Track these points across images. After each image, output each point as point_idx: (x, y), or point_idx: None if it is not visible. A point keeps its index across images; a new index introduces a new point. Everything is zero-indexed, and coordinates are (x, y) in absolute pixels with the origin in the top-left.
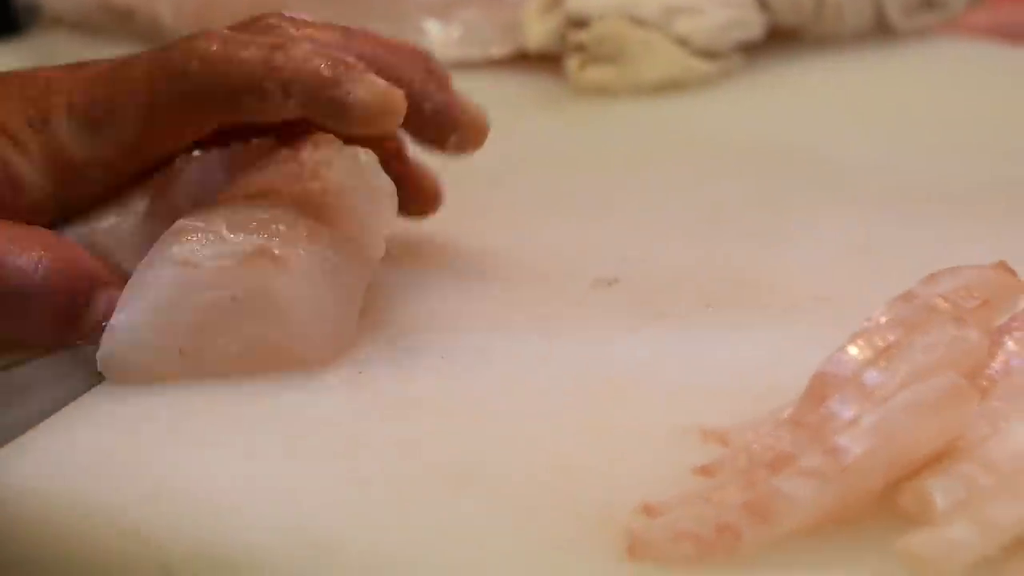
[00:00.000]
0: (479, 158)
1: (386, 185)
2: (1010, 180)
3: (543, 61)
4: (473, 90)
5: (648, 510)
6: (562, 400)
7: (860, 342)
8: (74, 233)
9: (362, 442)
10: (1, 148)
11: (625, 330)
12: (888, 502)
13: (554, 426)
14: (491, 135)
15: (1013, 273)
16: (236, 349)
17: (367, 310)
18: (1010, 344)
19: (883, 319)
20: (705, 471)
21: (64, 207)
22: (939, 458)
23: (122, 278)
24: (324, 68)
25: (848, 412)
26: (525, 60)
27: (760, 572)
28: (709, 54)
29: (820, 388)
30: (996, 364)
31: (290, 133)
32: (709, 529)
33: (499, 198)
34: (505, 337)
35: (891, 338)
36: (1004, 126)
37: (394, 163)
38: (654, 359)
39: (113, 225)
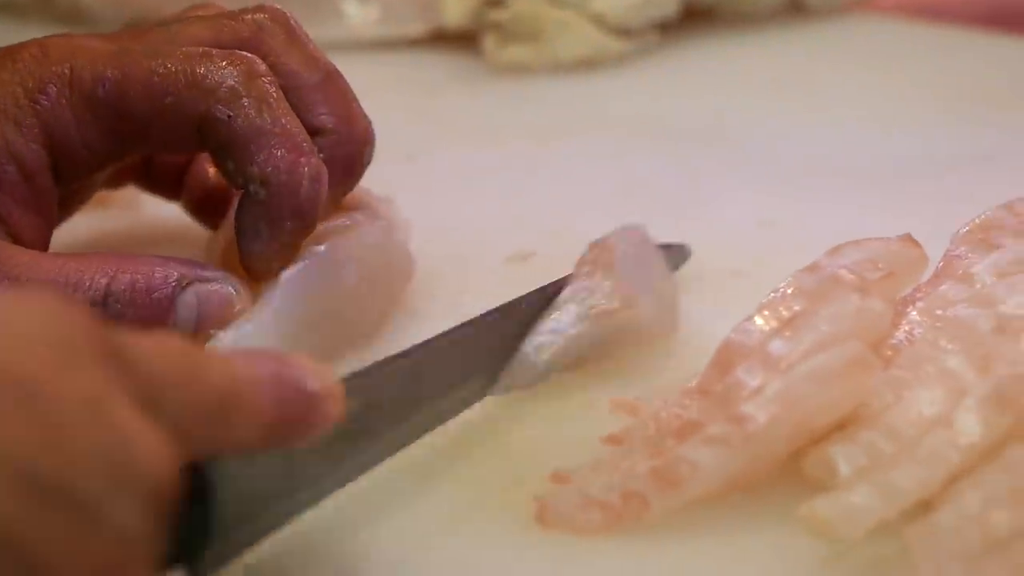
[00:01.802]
0: (395, 136)
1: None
2: (918, 156)
3: (461, 40)
4: (391, 69)
5: (557, 478)
6: None
7: (766, 312)
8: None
9: None
10: (4, 126)
11: None
12: (793, 469)
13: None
14: (409, 112)
15: (918, 245)
16: None
17: None
18: (913, 314)
19: (789, 290)
20: (614, 440)
21: (64, 183)
22: (842, 425)
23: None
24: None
25: (753, 381)
26: (443, 39)
27: (667, 538)
28: (625, 32)
29: (726, 357)
30: (900, 334)
31: None
32: (617, 497)
33: (415, 175)
34: (420, 311)
35: (796, 308)
36: (914, 102)
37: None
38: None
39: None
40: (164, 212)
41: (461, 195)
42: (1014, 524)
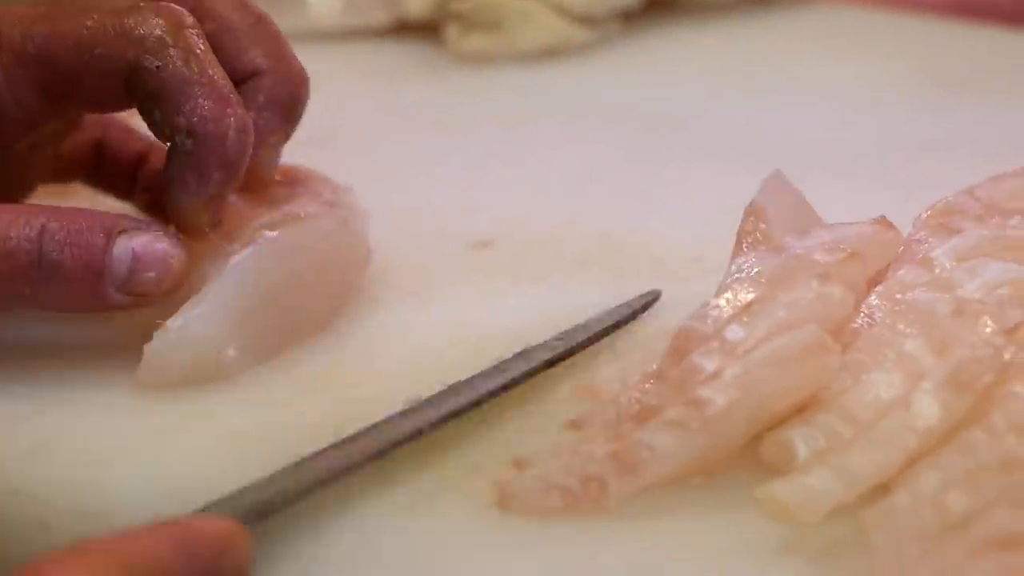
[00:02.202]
0: (359, 122)
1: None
2: (882, 142)
3: (423, 30)
4: (354, 59)
5: (518, 463)
6: (438, 362)
7: (724, 297)
8: None
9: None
10: None
11: (500, 291)
12: (751, 453)
13: (427, 385)
14: (371, 102)
15: (893, 228)
16: None
17: None
18: (873, 298)
19: (751, 272)
20: (574, 425)
21: (1, 146)
22: (801, 409)
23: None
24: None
25: (710, 365)
26: (405, 29)
27: (626, 522)
28: (587, 21)
29: (684, 343)
30: (860, 318)
31: None
32: (576, 481)
33: (377, 163)
34: (381, 298)
35: (754, 294)
36: (877, 90)
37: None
38: (530, 320)
39: None
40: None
41: (423, 183)
42: (970, 506)
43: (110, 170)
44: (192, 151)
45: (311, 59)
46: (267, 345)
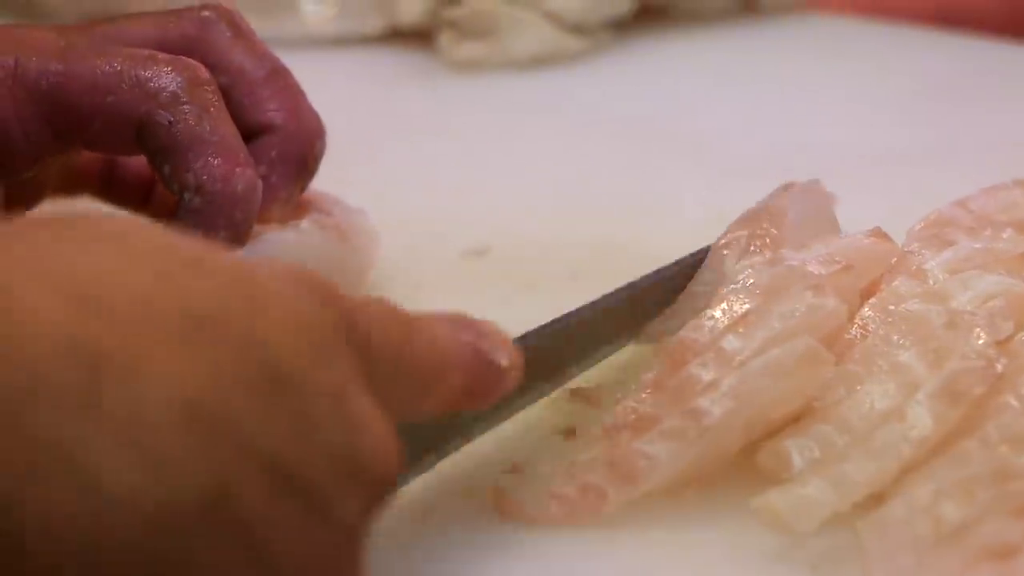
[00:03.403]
0: (352, 130)
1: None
2: (868, 152)
3: (417, 37)
4: (347, 66)
5: (516, 470)
6: None
7: (720, 308)
8: None
9: None
10: None
11: (494, 300)
12: (747, 462)
13: None
14: (365, 109)
15: (888, 239)
16: None
17: None
18: (866, 310)
19: (747, 283)
20: (570, 433)
21: (4, 175)
22: (796, 419)
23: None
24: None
25: (707, 375)
26: (399, 36)
27: (623, 530)
28: (579, 30)
29: (681, 353)
30: (853, 329)
31: None
32: (574, 489)
33: (371, 169)
34: None
35: (749, 305)
36: (864, 100)
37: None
38: (525, 328)
39: None
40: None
41: (416, 190)
42: (964, 516)
43: (122, 185)
44: (200, 209)
45: (304, 66)
46: None
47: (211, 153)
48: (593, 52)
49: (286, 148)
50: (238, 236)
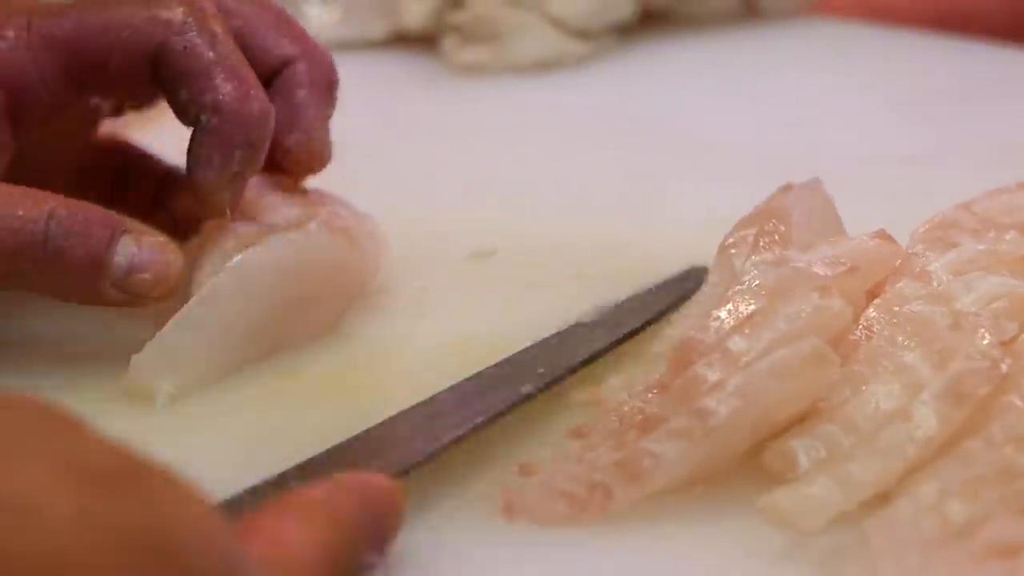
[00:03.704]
0: (356, 133)
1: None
2: (869, 155)
3: (421, 42)
4: (352, 70)
5: (523, 470)
6: (441, 370)
7: (726, 309)
8: None
9: (255, 406)
10: None
11: (502, 300)
12: (753, 462)
13: (430, 391)
14: (370, 113)
15: (893, 241)
16: None
17: None
18: (871, 311)
19: (753, 284)
20: (577, 433)
21: (24, 126)
22: (802, 420)
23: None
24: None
25: (713, 375)
26: (403, 40)
27: (630, 529)
28: (583, 35)
29: (687, 354)
30: (858, 330)
31: None
32: (582, 488)
33: (377, 173)
34: (382, 307)
35: (756, 305)
36: (865, 103)
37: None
38: (531, 328)
39: None
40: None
41: (422, 193)
42: (970, 514)
43: (131, 194)
44: (217, 128)
45: None
46: (258, 353)
47: (225, 76)
48: (596, 57)
49: (313, 74)
50: (253, 156)
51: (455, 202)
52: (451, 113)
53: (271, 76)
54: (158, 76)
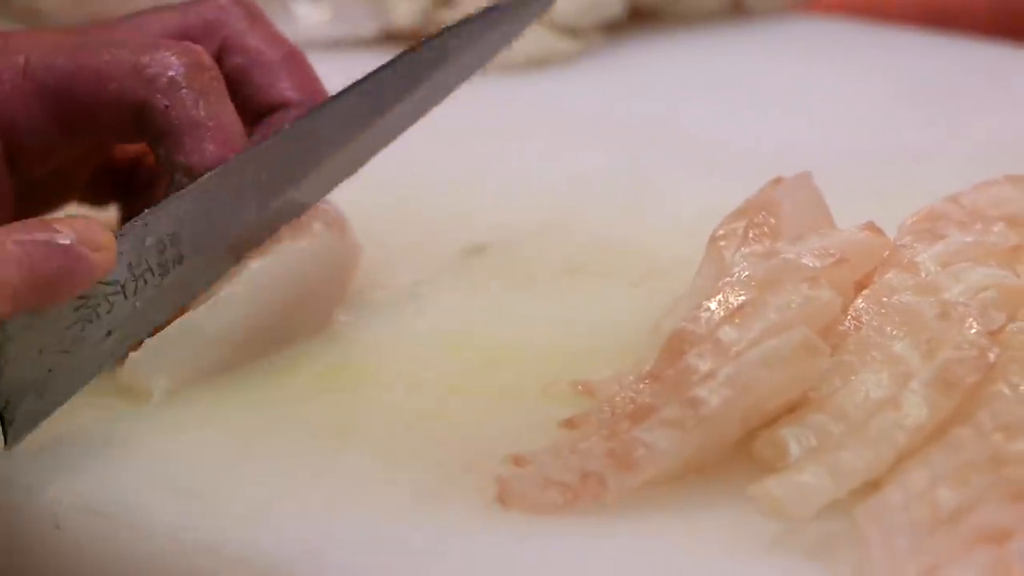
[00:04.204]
0: None
1: None
2: (858, 151)
3: (411, 40)
4: (342, 70)
5: (517, 460)
6: (436, 365)
7: (716, 300)
8: None
9: (252, 402)
10: None
11: (495, 296)
12: (744, 451)
13: (427, 389)
14: None
15: (881, 233)
16: None
17: None
18: (860, 302)
19: (742, 276)
20: (570, 424)
21: (18, 172)
22: (792, 409)
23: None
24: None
25: (704, 366)
26: (393, 38)
27: (622, 518)
28: (572, 32)
29: (678, 344)
30: (848, 321)
31: None
32: (575, 477)
33: (367, 169)
34: (375, 300)
35: (745, 297)
36: (854, 100)
37: None
38: (525, 323)
39: None
40: None
41: (412, 190)
42: (960, 501)
43: (105, 181)
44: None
45: None
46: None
47: (206, 138)
48: (586, 54)
49: None
50: None
51: (447, 198)
52: (440, 110)
53: (265, 115)
54: (140, 130)
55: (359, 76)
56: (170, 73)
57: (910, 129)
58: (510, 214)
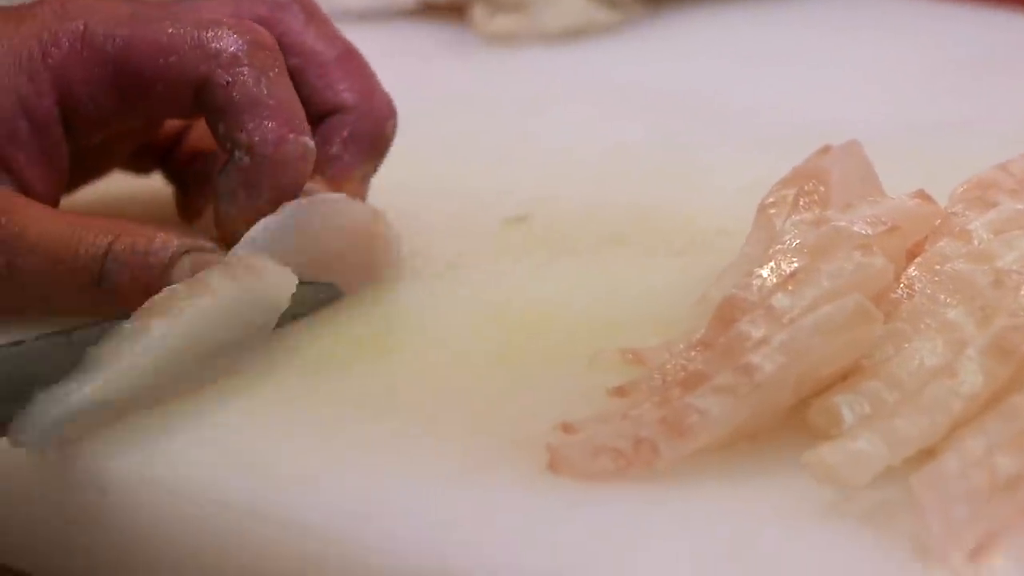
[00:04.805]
0: None
1: None
2: (902, 123)
3: (450, 11)
4: (382, 40)
5: (566, 428)
6: (479, 332)
7: (768, 267)
8: None
9: (297, 368)
10: (15, 79)
11: (538, 265)
12: (797, 419)
13: (471, 356)
14: (399, 83)
15: (932, 201)
16: None
17: None
18: (912, 270)
19: (794, 243)
20: (620, 392)
21: (74, 139)
22: (844, 377)
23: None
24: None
25: (758, 333)
26: (432, 10)
27: (676, 486)
28: (611, 3)
29: (730, 311)
30: (900, 289)
31: None
32: (627, 444)
33: (407, 142)
34: (419, 273)
35: (798, 263)
36: (897, 71)
37: None
38: (568, 292)
39: None
40: None
41: (453, 162)
42: (1018, 468)
43: (148, 152)
44: (247, 168)
45: None
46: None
47: (266, 116)
48: (625, 24)
49: (359, 127)
50: (280, 199)
51: (487, 170)
52: (481, 82)
53: (318, 121)
54: (200, 105)
55: (398, 48)
56: (232, 49)
57: (954, 99)
58: (551, 184)
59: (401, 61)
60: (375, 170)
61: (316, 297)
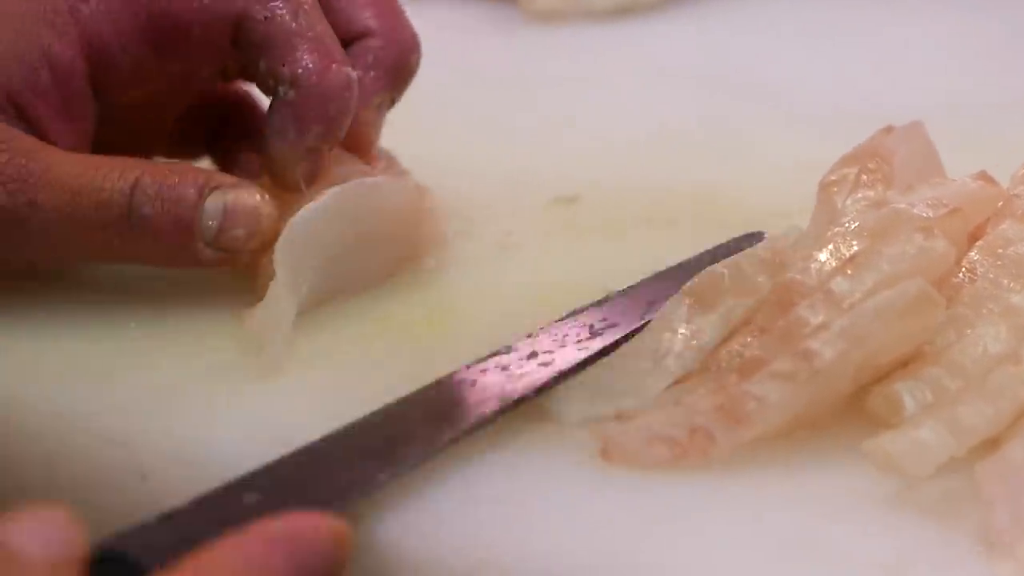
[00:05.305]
0: (434, 81)
1: None
2: (952, 102)
3: None
4: (429, 17)
5: (620, 415)
6: (525, 311)
7: (827, 250)
8: None
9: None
10: (38, 29)
11: (585, 245)
12: (857, 406)
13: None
14: (448, 62)
15: (995, 183)
16: None
17: None
18: (974, 253)
19: (853, 225)
20: (674, 379)
21: (104, 93)
22: (905, 363)
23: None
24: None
25: (816, 318)
26: None
27: (733, 475)
28: None
29: (786, 295)
30: (961, 273)
31: None
32: (683, 432)
33: (454, 120)
34: (465, 251)
35: (858, 246)
36: (947, 50)
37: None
38: (614, 273)
39: None
40: None
41: (500, 141)
42: None
43: (194, 132)
44: (294, 101)
45: None
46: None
47: (307, 48)
48: (671, 2)
49: (382, 53)
50: (330, 131)
51: (535, 149)
52: (529, 60)
53: (345, 44)
54: (238, 44)
55: (446, 26)
56: None
57: (1014, 77)
58: (599, 165)
59: (448, 39)
60: (393, 103)
61: None
